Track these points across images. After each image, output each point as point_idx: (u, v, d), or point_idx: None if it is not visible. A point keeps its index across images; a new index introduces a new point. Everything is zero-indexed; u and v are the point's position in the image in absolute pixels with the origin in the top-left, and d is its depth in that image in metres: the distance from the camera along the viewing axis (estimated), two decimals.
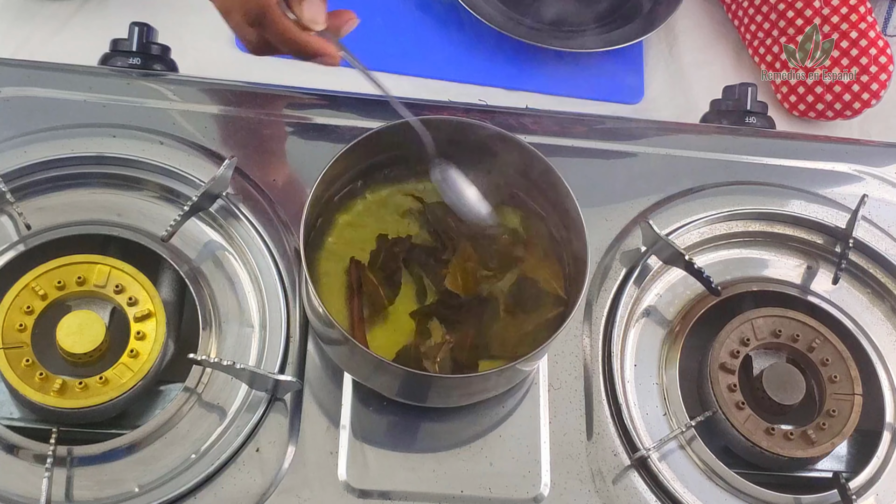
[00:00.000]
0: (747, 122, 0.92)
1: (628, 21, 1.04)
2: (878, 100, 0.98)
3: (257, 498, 0.67)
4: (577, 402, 0.74)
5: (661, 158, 0.87)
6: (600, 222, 0.82)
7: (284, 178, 0.80)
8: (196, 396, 0.70)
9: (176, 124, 0.80)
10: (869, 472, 0.75)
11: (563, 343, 0.76)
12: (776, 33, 0.99)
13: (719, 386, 0.75)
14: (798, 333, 0.78)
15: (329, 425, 0.70)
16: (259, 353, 0.72)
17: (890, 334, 0.82)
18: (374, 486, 0.69)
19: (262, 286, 0.74)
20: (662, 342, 0.78)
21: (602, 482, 0.71)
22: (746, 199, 0.85)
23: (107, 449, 0.67)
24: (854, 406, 0.75)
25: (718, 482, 0.73)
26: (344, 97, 0.84)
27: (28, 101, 0.80)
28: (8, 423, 0.69)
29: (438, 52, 1.00)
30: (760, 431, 0.74)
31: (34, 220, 0.74)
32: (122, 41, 0.85)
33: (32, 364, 0.68)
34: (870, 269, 0.84)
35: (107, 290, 0.72)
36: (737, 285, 0.81)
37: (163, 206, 0.77)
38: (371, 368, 0.68)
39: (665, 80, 1.03)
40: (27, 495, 0.65)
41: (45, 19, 0.95)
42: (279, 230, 0.77)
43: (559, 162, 0.72)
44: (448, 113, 0.79)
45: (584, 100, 0.99)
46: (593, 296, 0.78)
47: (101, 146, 0.78)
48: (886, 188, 0.89)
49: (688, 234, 0.82)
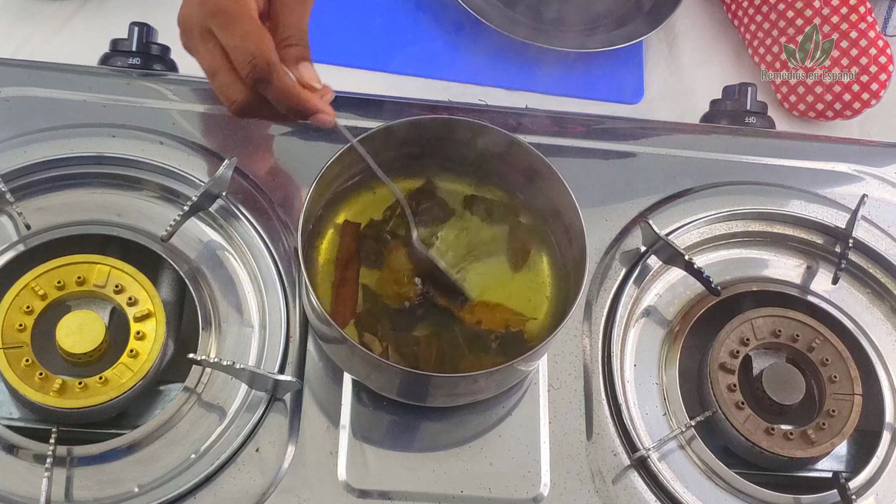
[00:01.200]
0: (747, 122, 0.92)
1: (628, 21, 1.04)
2: (878, 100, 0.98)
3: (257, 498, 0.67)
4: (577, 402, 0.74)
5: (661, 158, 0.87)
6: (600, 222, 0.82)
7: (283, 177, 0.80)
8: (196, 396, 0.70)
9: (176, 124, 0.80)
10: (869, 472, 0.75)
11: (563, 343, 0.76)
12: (776, 33, 0.99)
13: (719, 386, 0.75)
14: (798, 333, 0.78)
15: (329, 425, 0.70)
16: (259, 353, 0.72)
17: (890, 334, 0.82)
18: (374, 486, 0.69)
19: (261, 286, 0.74)
20: (662, 342, 0.78)
21: (602, 482, 0.71)
22: (746, 199, 0.85)
23: (107, 449, 0.67)
24: (854, 406, 0.75)
25: (718, 482, 0.73)
26: (344, 97, 0.84)
27: (28, 101, 0.80)
28: (8, 423, 0.69)
29: (438, 52, 1.00)
30: (760, 431, 0.74)
31: (34, 220, 0.74)
32: (122, 41, 0.85)
33: (32, 364, 0.68)
34: (870, 269, 0.84)
35: (106, 290, 0.72)
36: (736, 285, 0.81)
37: (163, 206, 0.77)
38: (371, 368, 0.68)
39: (665, 80, 1.03)
40: (27, 495, 0.65)
41: (45, 19, 0.95)
42: (279, 230, 0.77)
43: (559, 162, 0.72)
44: (448, 113, 0.79)
45: (584, 100, 1.00)
46: (593, 296, 0.78)
47: (101, 146, 0.78)
48: (886, 188, 0.89)
49: (687, 234, 0.82)
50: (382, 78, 0.98)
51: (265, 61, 0.65)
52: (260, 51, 0.65)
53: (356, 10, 1.01)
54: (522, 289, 0.74)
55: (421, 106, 0.86)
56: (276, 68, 0.66)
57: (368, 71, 0.98)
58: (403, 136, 0.73)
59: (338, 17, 0.99)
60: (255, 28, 0.66)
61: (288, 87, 0.67)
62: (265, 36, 0.66)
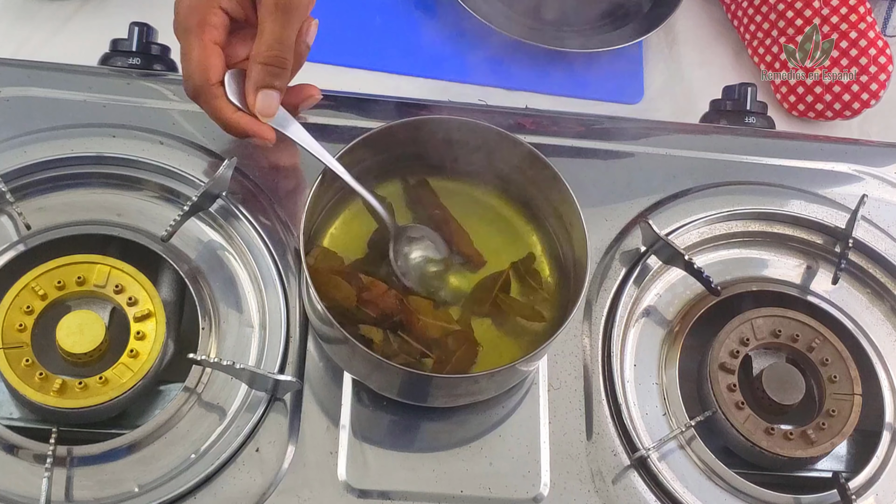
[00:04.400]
0: (747, 122, 0.92)
1: (628, 21, 1.04)
2: (878, 100, 0.98)
3: (257, 498, 0.67)
4: (577, 402, 0.74)
5: (661, 158, 0.87)
6: (600, 222, 0.82)
7: (283, 177, 0.80)
8: (196, 396, 0.70)
9: (176, 124, 0.80)
10: (869, 472, 0.75)
11: (563, 343, 0.76)
12: (776, 33, 0.99)
13: (719, 386, 0.75)
14: (798, 333, 0.78)
15: (329, 425, 0.70)
16: (259, 352, 0.72)
17: (890, 334, 0.82)
18: (374, 486, 0.69)
19: (262, 286, 0.74)
20: (662, 342, 0.78)
21: (602, 482, 0.71)
22: (746, 199, 0.85)
23: (107, 449, 0.67)
24: (854, 406, 0.75)
25: (718, 482, 0.73)
26: (344, 97, 0.84)
27: (28, 101, 0.80)
28: (8, 423, 0.69)
29: (438, 52, 1.00)
30: (760, 431, 0.74)
31: (34, 220, 0.74)
32: (122, 41, 0.85)
33: (32, 364, 0.68)
34: (870, 269, 0.84)
35: (106, 290, 0.72)
36: (736, 285, 0.81)
37: (163, 206, 0.77)
38: (371, 368, 0.68)
39: (665, 81, 1.03)
40: (27, 495, 0.65)
41: (45, 19, 0.95)
42: (279, 230, 0.77)
43: (559, 162, 0.72)
44: (448, 113, 0.79)
45: (583, 100, 1.00)
46: (593, 296, 0.78)
47: (101, 146, 0.78)
48: (886, 188, 0.89)
49: (687, 234, 0.82)
50: (382, 78, 0.98)
51: (191, 87, 0.70)
52: (188, 74, 0.69)
53: (356, 10, 1.01)
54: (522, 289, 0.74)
55: (421, 106, 0.86)
56: (202, 93, 0.69)
57: (368, 71, 0.98)
58: (403, 136, 0.73)
59: (338, 17, 0.99)
60: (191, 50, 0.69)
61: (215, 110, 0.70)
62: (202, 59, 0.69)
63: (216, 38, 0.70)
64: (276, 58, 0.69)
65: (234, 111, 0.70)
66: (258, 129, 0.71)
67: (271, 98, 0.70)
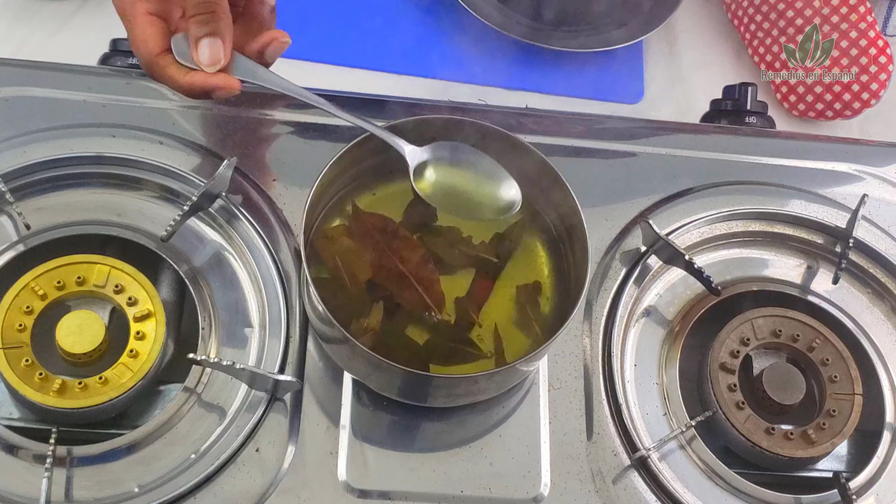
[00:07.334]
0: (747, 121, 0.92)
1: (628, 21, 1.04)
2: (878, 100, 0.98)
3: (257, 498, 0.67)
4: (577, 402, 0.74)
5: (661, 158, 0.87)
6: (600, 222, 0.82)
7: (283, 177, 0.80)
8: (196, 396, 0.70)
9: (176, 124, 0.80)
10: (869, 472, 0.75)
11: (563, 343, 0.76)
12: (776, 33, 0.99)
13: (719, 386, 0.75)
14: (798, 333, 0.78)
15: (329, 425, 0.70)
16: (259, 352, 0.72)
17: (890, 334, 0.82)
18: (374, 486, 0.69)
19: (261, 286, 0.74)
20: (662, 342, 0.78)
21: (602, 482, 0.71)
22: (746, 198, 0.85)
23: (106, 449, 0.67)
24: (854, 406, 0.75)
25: (718, 482, 0.73)
26: (344, 97, 0.84)
27: (28, 101, 0.80)
28: (7, 423, 0.69)
29: (438, 52, 1.00)
30: (760, 431, 0.74)
31: (34, 220, 0.74)
32: (121, 41, 0.85)
33: (32, 364, 0.68)
34: (870, 268, 0.84)
35: (106, 290, 0.72)
36: (737, 285, 0.81)
37: (162, 206, 0.77)
38: (371, 368, 0.68)
39: (665, 80, 1.03)
40: (27, 495, 0.65)
41: (45, 19, 0.95)
42: (279, 230, 0.77)
43: (559, 162, 0.72)
44: (448, 113, 0.79)
45: (583, 100, 1.00)
46: (593, 296, 0.78)
47: (101, 146, 0.78)
48: (886, 188, 0.89)
49: (688, 234, 0.82)
50: (382, 78, 0.98)
51: (143, 65, 0.69)
52: (136, 53, 0.69)
53: (356, 10, 1.01)
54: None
55: (421, 106, 0.86)
56: (152, 67, 0.68)
57: (368, 71, 0.98)
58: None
59: (338, 17, 0.99)
60: (131, 28, 0.68)
61: (169, 79, 0.68)
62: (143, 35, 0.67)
63: (150, 9, 0.68)
64: (203, 4, 0.67)
65: (186, 73, 0.68)
66: (215, 82, 0.68)
67: (213, 46, 0.67)
